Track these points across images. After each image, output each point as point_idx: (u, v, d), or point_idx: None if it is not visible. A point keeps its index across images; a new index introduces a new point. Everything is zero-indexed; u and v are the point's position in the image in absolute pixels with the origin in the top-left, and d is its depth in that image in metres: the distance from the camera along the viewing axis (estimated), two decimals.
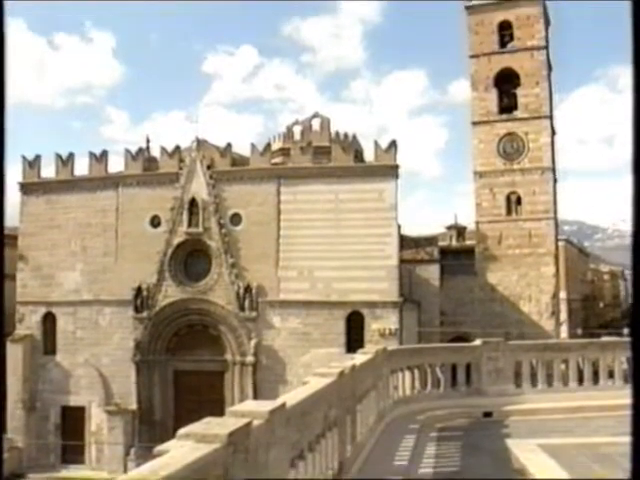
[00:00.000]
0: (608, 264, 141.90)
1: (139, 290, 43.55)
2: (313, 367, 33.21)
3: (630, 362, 3.71)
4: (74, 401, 44.83)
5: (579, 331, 70.40)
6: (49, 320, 45.79)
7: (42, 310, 45.85)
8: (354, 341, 39.77)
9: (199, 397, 41.87)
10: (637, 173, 2.53)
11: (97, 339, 44.79)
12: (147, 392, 43.41)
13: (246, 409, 6.75)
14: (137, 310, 43.66)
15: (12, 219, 45.74)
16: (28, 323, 45.87)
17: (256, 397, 39.84)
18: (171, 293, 43.66)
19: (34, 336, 45.71)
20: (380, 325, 41.01)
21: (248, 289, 42.46)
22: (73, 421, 44.45)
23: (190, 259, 44.47)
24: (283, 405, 7.35)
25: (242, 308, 42.43)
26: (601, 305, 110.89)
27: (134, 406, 43.26)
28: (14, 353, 43.85)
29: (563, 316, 62.93)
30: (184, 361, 43.80)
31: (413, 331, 46.18)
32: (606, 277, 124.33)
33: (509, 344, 21.26)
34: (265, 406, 6.88)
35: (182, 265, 44.32)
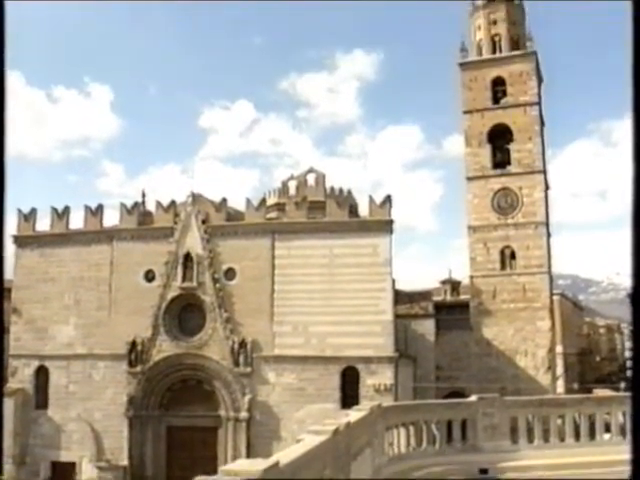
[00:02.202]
0: (603, 317, 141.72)
1: (133, 344, 43.30)
2: (307, 423, 32.90)
3: (630, 416, 3.69)
4: (65, 456, 44.26)
5: (575, 385, 69.99)
6: (42, 374, 45.45)
7: (35, 363, 45.54)
8: (349, 396, 39.56)
9: (192, 453, 41.42)
10: (637, 226, 2.55)
11: (90, 393, 44.38)
12: (139, 448, 42.87)
13: (239, 468, 6.70)
14: (131, 364, 43.35)
15: (6, 271, 45.57)
16: (20, 377, 45.52)
17: (249, 454, 39.42)
18: (165, 348, 43.41)
19: (26, 390, 45.32)
20: (375, 380, 40.74)
21: (243, 344, 42.25)
22: (63, 476, 43.80)
23: (184, 314, 44.32)
24: (277, 464, 7.28)
25: (237, 363, 42.15)
26: (597, 359, 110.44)
27: (126, 462, 42.70)
28: (5, 407, 43.39)
29: (559, 370, 62.61)
30: (177, 416, 43.36)
31: (408, 386, 45.90)
32: (602, 331, 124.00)
33: (505, 400, 21.14)
34: (258, 464, 6.82)
35: (176, 320, 44.15)
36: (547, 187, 55.78)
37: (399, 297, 49.81)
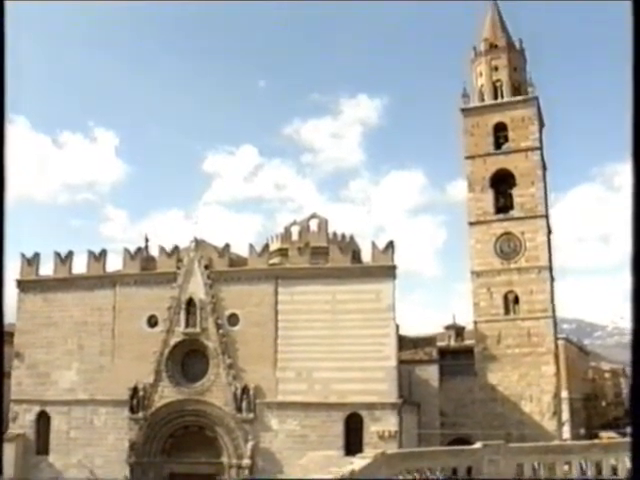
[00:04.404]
0: (609, 362, 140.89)
1: (135, 390, 43.07)
2: (310, 470, 32.62)
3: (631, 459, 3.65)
4: None
5: (582, 431, 69.36)
6: (43, 419, 45.19)
7: (36, 409, 45.33)
8: (353, 443, 39.21)
9: None
10: (636, 270, 2.55)
11: (91, 440, 44.07)
12: None
13: None
14: (133, 410, 43.08)
15: (8, 316, 45.61)
16: (21, 422, 45.27)
17: None
18: (167, 394, 43.17)
19: (27, 435, 45.01)
20: (379, 427, 40.38)
21: (245, 390, 41.99)
22: None
23: (187, 359, 44.16)
24: None
25: (239, 409, 41.85)
26: (603, 404, 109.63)
27: None
28: (6, 453, 42.95)
29: (565, 416, 62.05)
30: (179, 463, 42.97)
31: (413, 433, 45.50)
32: (607, 375, 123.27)
33: (510, 447, 20.97)
34: None
35: (179, 365, 43.97)
36: (549, 231, 55.80)
37: (403, 342, 49.63)
